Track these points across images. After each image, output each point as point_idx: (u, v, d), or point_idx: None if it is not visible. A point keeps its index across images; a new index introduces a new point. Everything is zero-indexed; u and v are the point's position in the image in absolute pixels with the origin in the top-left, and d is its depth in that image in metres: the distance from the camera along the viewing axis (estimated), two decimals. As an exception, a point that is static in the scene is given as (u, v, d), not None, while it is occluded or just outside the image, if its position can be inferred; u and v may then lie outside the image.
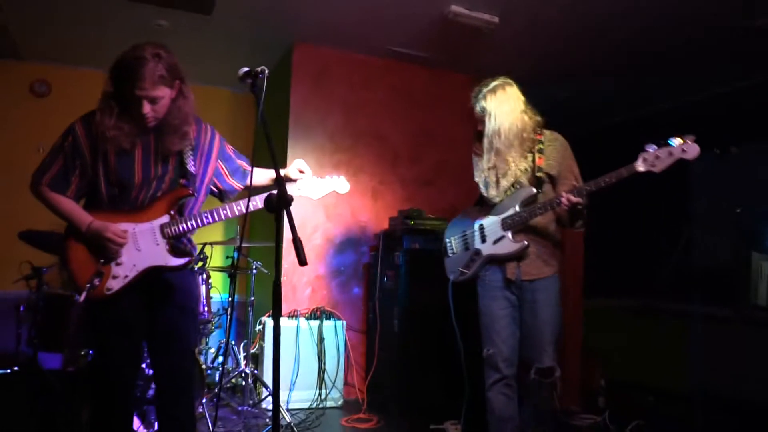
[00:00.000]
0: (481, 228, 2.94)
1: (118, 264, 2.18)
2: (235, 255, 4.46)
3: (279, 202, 1.78)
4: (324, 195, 2.58)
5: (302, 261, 1.74)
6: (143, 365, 3.12)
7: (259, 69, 2.01)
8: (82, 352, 3.57)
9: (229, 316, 4.26)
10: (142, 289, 2.23)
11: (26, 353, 3.52)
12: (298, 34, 4.68)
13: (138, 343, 2.28)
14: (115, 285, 2.17)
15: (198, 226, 2.29)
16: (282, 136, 4.90)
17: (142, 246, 2.22)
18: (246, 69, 2.01)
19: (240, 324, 5.58)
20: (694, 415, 4.10)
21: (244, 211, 2.29)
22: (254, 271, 4.23)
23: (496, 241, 2.88)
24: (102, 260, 2.16)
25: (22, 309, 3.67)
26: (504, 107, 2.80)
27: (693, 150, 2.42)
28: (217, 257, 4.89)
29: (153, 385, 3.11)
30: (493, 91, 2.83)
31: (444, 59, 5.05)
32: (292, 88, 4.81)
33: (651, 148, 2.49)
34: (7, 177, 4.69)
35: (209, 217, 2.30)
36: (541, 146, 2.86)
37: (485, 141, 2.84)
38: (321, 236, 4.85)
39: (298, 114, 4.82)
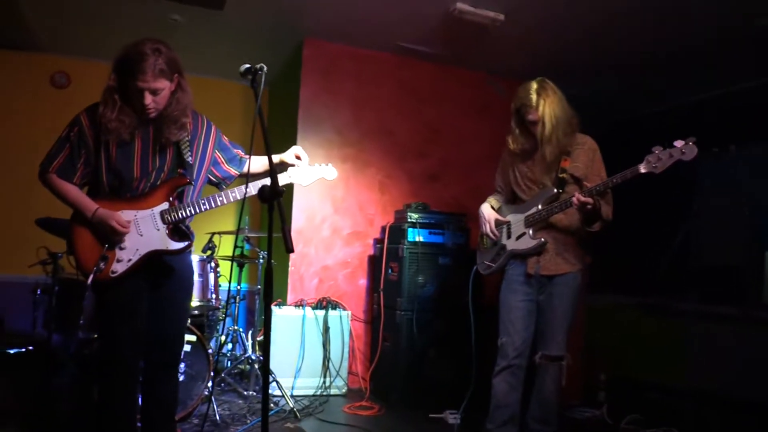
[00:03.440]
0: (508, 225, 3.14)
1: (121, 249, 2.31)
2: (247, 246, 4.59)
3: (271, 192, 1.88)
4: (312, 182, 2.67)
5: (289, 248, 1.84)
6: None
7: (258, 66, 2.13)
8: (95, 335, 3.71)
9: (236, 304, 4.38)
10: (144, 273, 2.36)
11: (41, 334, 3.67)
12: (308, 29, 4.78)
13: (141, 325, 2.40)
14: (119, 268, 2.30)
15: (196, 212, 2.42)
16: (291, 130, 5.00)
17: (143, 231, 2.34)
18: (247, 65, 2.14)
19: (250, 312, 5.72)
20: (693, 412, 4.15)
21: (239, 198, 2.41)
22: (261, 261, 4.34)
23: (518, 238, 3.08)
24: (106, 245, 2.29)
25: (38, 293, 3.82)
26: (557, 101, 2.94)
27: (691, 152, 2.54)
28: (227, 246, 5.01)
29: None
30: (544, 89, 2.95)
31: (451, 56, 5.12)
32: (302, 83, 4.91)
33: (656, 150, 2.61)
34: (27, 167, 4.80)
35: (206, 203, 2.42)
36: (569, 149, 2.99)
37: (547, 134, 2.92)
38: (329, 228, 4.95)
39: (307, 108, 4.93)
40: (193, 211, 2.42)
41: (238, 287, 4.35)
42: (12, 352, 3.36)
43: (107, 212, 2.28)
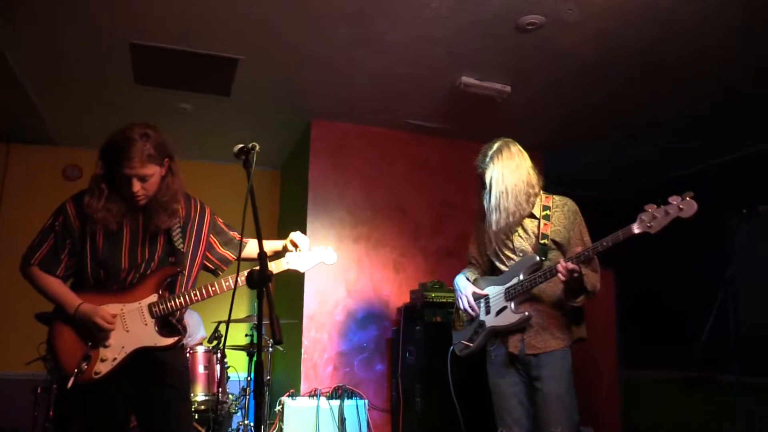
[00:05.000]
0: (486, 298, 2.82)
1: (106, 347, 2.14)
2: (261, 332, 4.40)
3: (260, 278, 1.72)
4: (312, 267, 2.50)
5: (277, 339, 1.66)
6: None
7: (250, 145, 2.03)
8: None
9: (246, 397, 4.14)
10: (131, 370, 2.18)
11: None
12: (315, 110, 4.78)
13: (127, 425, 2.21)
14: (103, 368, 2.13)
15: (187, 303, 2.27)
16: (302, 212, 4.91)
17: (130, 327, 2.18)
18: (240, 146, 2.04)
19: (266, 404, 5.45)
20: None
21: (233, 286, 2.25)
22: (270, 349, 4.14)
23: (498, 312, 2.75)
24: (90, 343, 2.13)
25: (38, 391, 3.65)
26: (511, 164, 2.73)
27: (690, 207, 2.27)
28: (238, 335, 4.82)
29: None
30: (499, 151, 2.77)
31: (460, 129, 5.06)
32: (311, 163, 4.87)
33: (649, 208, 2.37)
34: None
35: (198, 294, 2.26)
36: (547, 212, 2.74)
37: (492, 202, 2.73)
38: (342, 312, 4.76)
39: (316, 188, 4.85)
40: (183, 303, 2.26)
41: (248, 378, 4.12)
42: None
43: (91, 307, 2.14)
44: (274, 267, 2.40)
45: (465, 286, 2.91)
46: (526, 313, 2.65)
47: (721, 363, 4.50)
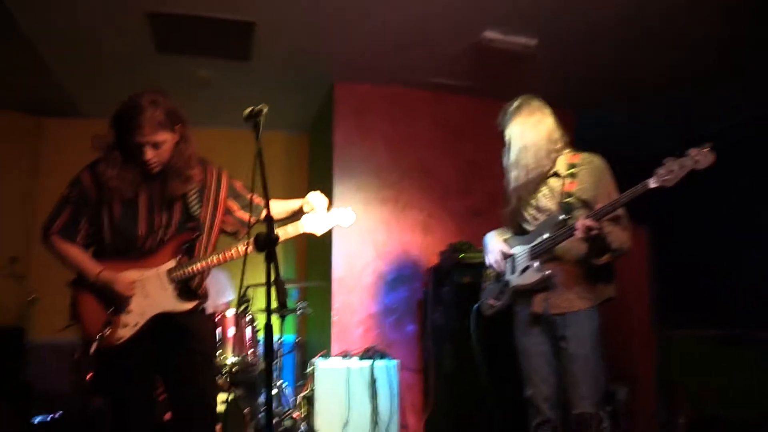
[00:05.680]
0: (513, 258, 2.78)
1: (127, 312, 2.19)
2: (295, 294, 4.45)
3: (266, 241, 1.72)
4: (328, 228, 2.49)
5: (282, 304, 1.65)
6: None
7: (257, 107, 2.01)
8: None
9: (278, 359, 4.22)
10: (154, 335, 2.22)
11: (80, 397, 3.62)
12: (337, 72, 4.72)
13: (152, 389, 2.26)
14: (125, 333, 2.17)
15: (205, 268, 2.28)
16: (328, 175, 4.90)
17: (150, 292, 2.22)
18: (249, 109, 2.03)
19: (300, 365, 5.55)
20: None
21: (246, 250, 2.26)
22: (299, 311, 4.19)
23: (523, 272, 2.71)
24: (111, 310, 2.17)
25: (75, 356, 3.78)
26: (531, 120, 2.67)
27: (706, 159, 2.20)
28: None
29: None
30: (519, 107, 2.72)
31: (486, 87, 4.92)
32: (335, 127, 4.83)
33: (667, 161, 2.29)
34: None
35: (216, 258, 2.28)
36: (573, 170, 2.65)
37: (512, 158, 2.69)
38: (371, 274, 4.77)
39: (341, 152, 4.82)
40: (201, 267, 2.28)
41: (280, 340, 4.19)
42: (37, 420, 3.30)
43: (111, 275, 2.18)
44: (291, 230, 2.40)
45: (494, 243, 2.88)
46: (549, 272, 2.59)
47: (761, 319, 4.39)
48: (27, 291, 4.77)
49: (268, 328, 1.68)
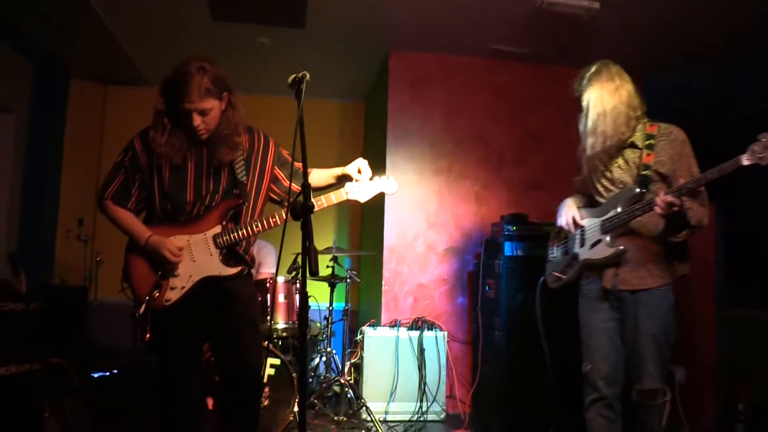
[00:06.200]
0: (582, 231, 2.70)
1: (174, 276, 2.24)
2: (347, 264, 4.49)
3: (303, 209, 1.71)
4: (372, 196, 2.46)
5: (313, 271, 1.65)
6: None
7: (300, 74, 1.99)
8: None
9: (329, 325, 4.28)
10: (201, 298, 2.28)
11: (137, 355, 3.80)
12: (393, 41, 4.64)
13: (199, 349, 2.33)
14: (173, 296, 2.23)
15: (250, 234, 2.31)
16: (381, 145, 4.87)
17: (196, 257, 2.26)
18: (293, 76, 2.01)
19: (352, 332, 5.62)
20: None
21: (285, 217, 2.27)
22: (348, 280, 4.22)
23: (593, 245, 2.63)
24: (160, 273, 2.24)
25: (136, 315, 3.94)
26: (610, 86, 2.55)
27: None
28: (320, 266, 4.96)
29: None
30: (598, 72, 2.60)
31: (547, 53, 4.74)
32: (390, 96, 4.78)
33: (763, 137, 2.16)
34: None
35: (260, 225, 2.30)
36: (651, 141, 2.53)
37: (589, 125, 2.57)
38: (423, 244, 4.74)
39: (396, 121, 4.77)
40: (246, 234, 2.31)
41: (330, 308, 4.25)
42: (96, 375, 3.48)
43: (159, 240, 2.23)
44: (334, 198, 2.39)
45: (569, 207, 2.80)
46: (621, 247, 2.52)
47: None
48: (93, 252, 5.02)
49: (303, 295, 1.69)
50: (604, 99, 2.54)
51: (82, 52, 4.97)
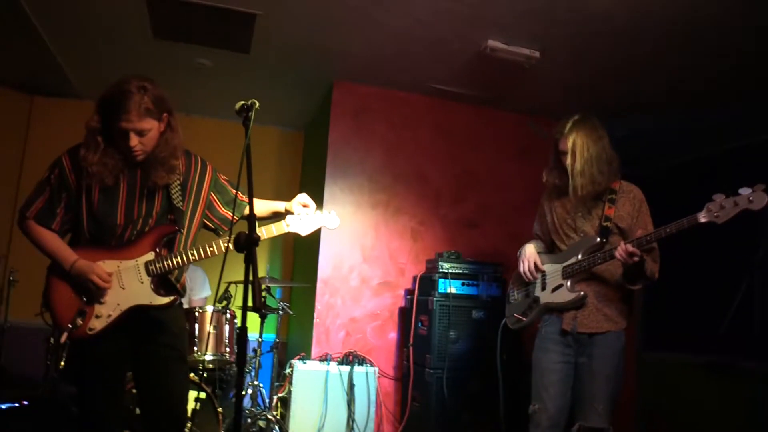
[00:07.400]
0: (543, 275, 2.83)
1: (101, 303, 2.11)
2: (279, 293, 4.37)
3: (247, 241, 1.65)
4: (312, 231, 2.42)
5: (258, 305, 1.59)
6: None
7: (249, 102, 1.94)
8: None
9: (257, 358, 4.14)
10: (127, 327, 2.15)
11: (51, 383, 3.54)
12: (337, 71, 4.64)
13: (121, 382, 2.20)
14: (97, 325, 2.10)
15: (184, 263, 2.21)
16: (320, 176, 4.83)
17: (126, 284, 2.14)
18: (241, 103, 1.96)
19: (280, 365, 5.46)
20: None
21: (227, 248, 2.19)
22: (280, 311, 4.12)
23: (554, 290, 2.76)
24: (85, 299, 2.10)
25: (50, 341, 3.70)
26: (594, 135, 2.68)
27: (761, 200, 2.23)
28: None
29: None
30: (582, 120, 2.72)
31: (487, 96, 4.87)
32: (331, 126, 4.75)
33: (717, 198, 2.32)
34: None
35: (195, 254, 2.20)
36: (613, 196, 2.70)
37: (577, 167, 2.64)
38: (357, 277, 4.70)
39: (336, 152, 4.75)
40: (180, 262, 2.21)
41: (259, 339, 4.11)
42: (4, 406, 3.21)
43: (87, 264, 2.10)
44: (275, 229, 2.33)
45: (531, 252, 2.90)
46: (582, 293, 2.67)
47: (746, 349, 4.35)
48: (7, 271, 4.68)
49: (243, 330, 1.61)
50: (589, 146, 2.65)
51: (7, 58, 4.70)
